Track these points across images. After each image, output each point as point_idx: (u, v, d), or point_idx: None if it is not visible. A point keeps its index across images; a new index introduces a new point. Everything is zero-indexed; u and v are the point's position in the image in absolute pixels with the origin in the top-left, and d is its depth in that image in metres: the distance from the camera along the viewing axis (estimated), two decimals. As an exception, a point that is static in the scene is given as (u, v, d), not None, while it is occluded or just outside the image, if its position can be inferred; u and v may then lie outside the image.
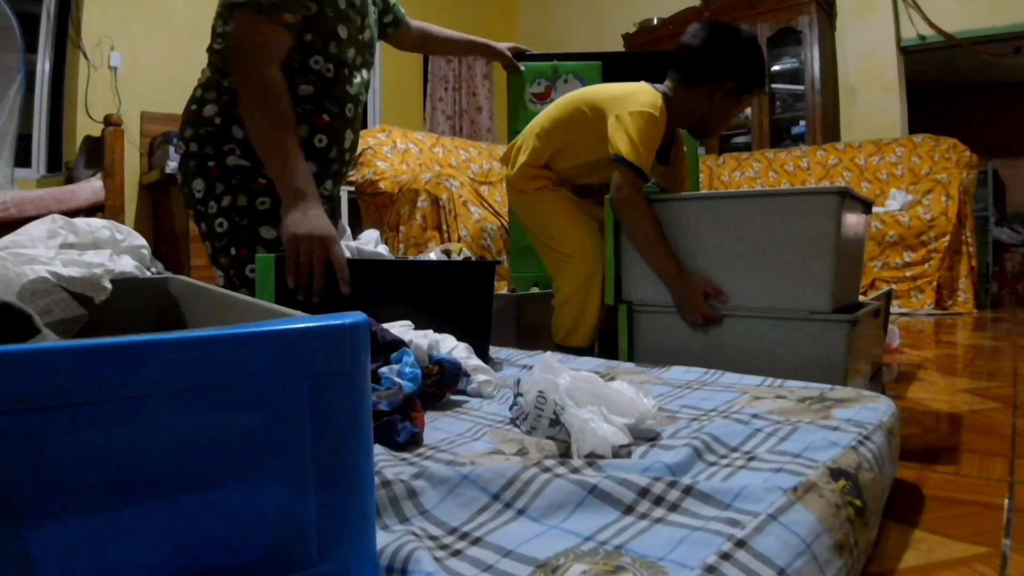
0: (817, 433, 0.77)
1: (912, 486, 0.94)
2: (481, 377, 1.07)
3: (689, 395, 1.02)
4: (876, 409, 0.86)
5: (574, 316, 1.58)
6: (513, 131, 2.70)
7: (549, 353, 0.89)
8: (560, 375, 0.82)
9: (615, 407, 0.78)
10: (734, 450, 0.75)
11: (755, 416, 0.87)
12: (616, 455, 0.74)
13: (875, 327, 1.62)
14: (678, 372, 1.18)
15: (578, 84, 2.52)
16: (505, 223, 3.17)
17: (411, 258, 2.00)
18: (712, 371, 1.16)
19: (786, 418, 0.85)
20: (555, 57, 2.64)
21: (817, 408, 0.89)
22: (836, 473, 0.66)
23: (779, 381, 1.06)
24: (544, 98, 2.58)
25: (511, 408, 0.91)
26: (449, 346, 1.10)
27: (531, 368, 1.13)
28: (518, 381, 0.89)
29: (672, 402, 0.97)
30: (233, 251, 1.33)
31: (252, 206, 1.32)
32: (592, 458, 0.71)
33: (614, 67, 2.58)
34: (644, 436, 0.80)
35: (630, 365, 1.29)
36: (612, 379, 0.92)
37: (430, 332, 1.08)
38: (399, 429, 0.79)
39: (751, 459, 0.71)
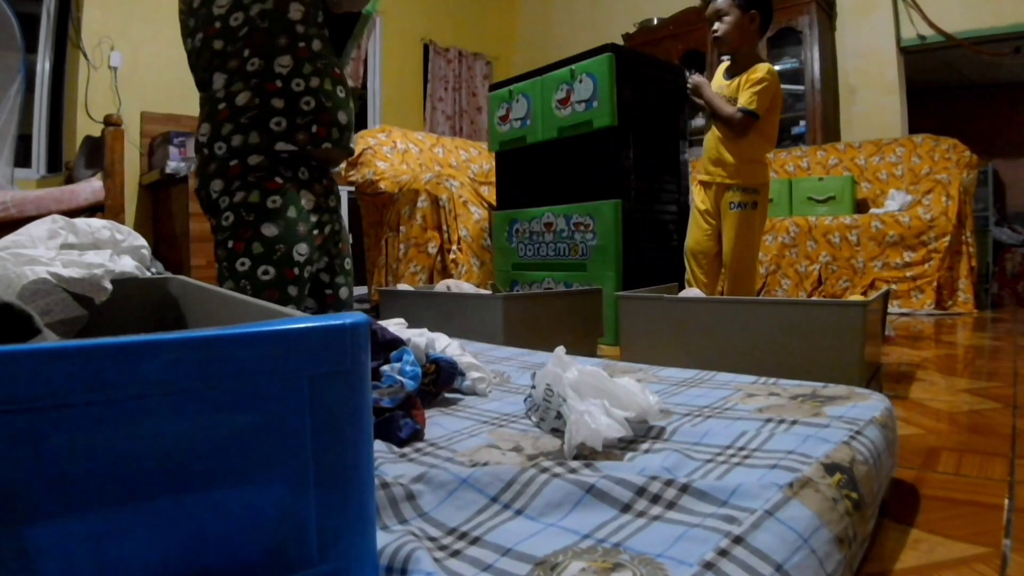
0: (809, 430, 0.78)
1: (912, 486, 0.94)
2: (475, 375, 1.08)
3: (684, 392, 1.04)
4: (868, 405, 0.87)
5: None
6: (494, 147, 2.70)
7: (560, 348, 0.91)
8: (568, 369, 0.84)
9: (618, 401, 0.79)
10: (728, 447, 0.75)
11: (748, 413, 0.88)
12: (608, 447, 0.74)
13: (875, 323, 1.62)
14: (673, 370, 1.20)
15: (591, 82, 2.50)
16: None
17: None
18: (706, 371, 1.18)
19: (779, 415, 0.85)
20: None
21: (809, 405, 0.89)
22: (830, 468, 0.66)
23: (772, 379, 1.08)
24: (567, 103, 2.59)
25: (525, 400, 0.94)
26: (443, 344, 1.11)
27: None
28: (534, 374, 0.91)
29: (668, 399, 0.99)
30: (231, 244, 1.33)
31: (263, 204, 1.33)
32: (584, 449, 0.73)
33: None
34: (643, 432, 0.81)
35: (627, 364, 1.31)
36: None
37: (425, 331, 1.09)
38: (401, 425, 0.80)
39: (746, 456, 0.71)
